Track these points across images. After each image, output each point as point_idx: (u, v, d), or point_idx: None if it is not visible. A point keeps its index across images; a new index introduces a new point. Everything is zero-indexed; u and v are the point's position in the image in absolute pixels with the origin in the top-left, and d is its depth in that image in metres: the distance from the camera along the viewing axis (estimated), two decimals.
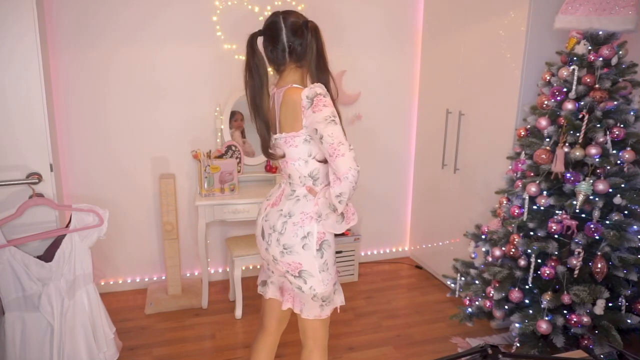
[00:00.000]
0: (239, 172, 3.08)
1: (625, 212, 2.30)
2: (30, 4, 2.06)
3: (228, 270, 3.34)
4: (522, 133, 2.50)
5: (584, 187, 2.19)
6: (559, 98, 2.33)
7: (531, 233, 2.38)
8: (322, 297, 1.70)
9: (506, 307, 2.46)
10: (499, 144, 2.80)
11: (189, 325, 2.89)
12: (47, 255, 2.15)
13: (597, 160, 2.22)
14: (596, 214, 2.24)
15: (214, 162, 2.92)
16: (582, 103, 2.28)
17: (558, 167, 2.26)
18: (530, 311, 2.32)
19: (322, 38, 1.65)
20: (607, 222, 2.25)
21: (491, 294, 2.44)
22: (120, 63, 3.01)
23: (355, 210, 1.66)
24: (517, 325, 2.34)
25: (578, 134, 2.26)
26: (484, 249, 2.65)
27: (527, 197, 2.37)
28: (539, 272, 2.33)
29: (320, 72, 1.64)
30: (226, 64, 3.18)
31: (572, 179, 2.26)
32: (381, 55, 3.52)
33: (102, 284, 3.23)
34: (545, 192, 2.34)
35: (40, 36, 2.14)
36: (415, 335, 2.79)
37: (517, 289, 2.37)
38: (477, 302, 2.59)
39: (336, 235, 3.59)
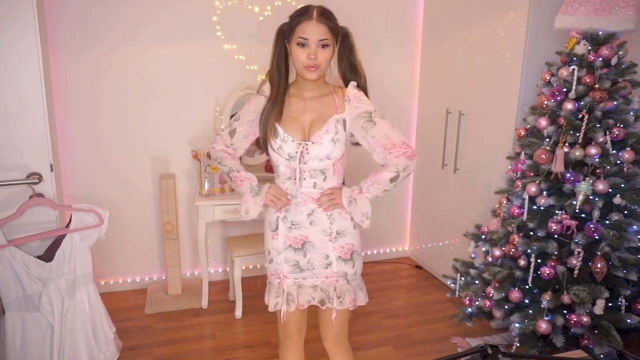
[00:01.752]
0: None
1: (625, 212, 2.30)
2: (30, 2, 2.06)
3: (228, 270, 3.34)
4: (522, 133, 2.50)
5: (583, 187, 2.19)
6: (558, 98, 2.33)
7: (531, 233, 2.38)
8: None
9: (506, 307, 2.45)
10: (499, 144, 2.80)
11: (189, 325, 2.89)
12: (47, 255, 2.15)
13: (597, 160, 2.22)
14: (596, 214, 2.23)
15: (214, 162, 2.92)
16: (582, 103, 2.28)
17: (558, 167, 2.26)
18: (530, 311, 2.32)
19: (277, 42, 1.69)
20: (607, 222, 2.25)
21: (491, 294, 2.44)
22: (121, 62, 3.01)
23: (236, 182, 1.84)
24: (517, 325, 2.34)
25: (578, 134, 2.26)
26: (484, 249, 2.65)
27: (527, 197, 2.37)
28: (538, 272, 2.32)
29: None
30: (226, 64, 3.18)
31: (572, 179, 2.26)
32: (381, 55, 3.52)
33: (102, 284, 3.23)
34: (545, 192, 2.34)
35: (41, 35, 2.13)
36: (415, 335, 2.79)
37: (517, 289, 2.37)
38: (477, 302, 2.59)
39: None
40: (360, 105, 1.67)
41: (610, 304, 2.26)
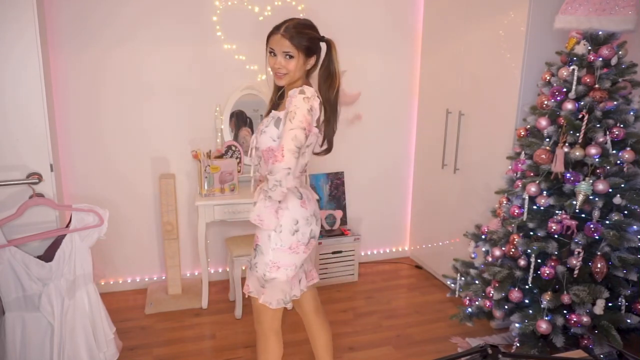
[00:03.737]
0: (239, 172, 3.07)
1: (625, 212, 2.30)
2: (30, 2, 2.06)
3: (228, 270, 3.34)
4: (522, 133, 2.50)
5: (583, 187, 2.19)
6: (558, 98, 2.33)
7: (531, 233, 2.38)
8: None
9: (506, 307, 2.45)
10: (499, 144, 2.80)
11: (189, 325, 2.89)
12: (47, 255, 2.15)
13: (597, 160, 2.22)
14: (596, 214, 2.23)
15: (214, 162, 2.92)
16: (582, 103, 2.28)
17: (558, 167, 2.26)
18: (530, 311, 2.32)
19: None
20: (607, 222, 2.25)
21: (491, 294, 2.44)
22: (121, 62, 3.01)
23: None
24: (517, 325, 2.34)
25: (578, 134, 2.26)
26: (484, 249, 2.65)
27: (527, 197, 2.37)
28: (538, 272, 2.33)
29: None
30: (226, 64, 3.18)
31: (572, 179, 2.26)
32: (381, 55, 3.52)
33: (102, 284, 3.23)
34: (545, 192, 2.34)
35: (40, 35, 2.13)
36: (415, 335, 2.79)
37: (517, 289, 2.37)
38: (477, 302, 2.59)
39: (335, 235, 3.57)
40: (289, 107, 1.73)
41: (610, 304, 2.26)
